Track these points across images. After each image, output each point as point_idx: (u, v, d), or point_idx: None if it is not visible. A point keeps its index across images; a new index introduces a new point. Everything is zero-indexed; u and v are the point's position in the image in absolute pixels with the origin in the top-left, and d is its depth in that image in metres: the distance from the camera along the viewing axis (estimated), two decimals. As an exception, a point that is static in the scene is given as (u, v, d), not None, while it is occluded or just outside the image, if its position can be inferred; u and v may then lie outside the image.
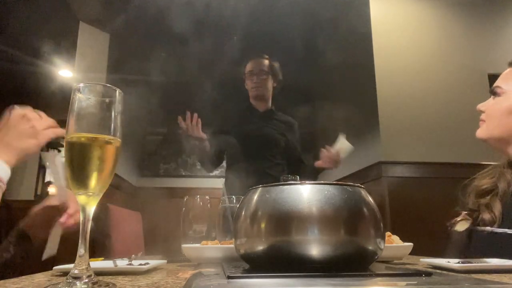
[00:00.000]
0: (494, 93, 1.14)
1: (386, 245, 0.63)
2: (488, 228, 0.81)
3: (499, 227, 1.02)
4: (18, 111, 0.90)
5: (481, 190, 1.11)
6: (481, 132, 1.16)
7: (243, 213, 0.60)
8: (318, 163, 2.06)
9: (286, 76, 2.23)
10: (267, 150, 2.11)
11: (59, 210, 0.97)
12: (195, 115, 1.85)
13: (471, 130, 1.21)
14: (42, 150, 0.95)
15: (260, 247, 0.55)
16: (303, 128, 2.50)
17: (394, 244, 0.84)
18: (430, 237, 1.18)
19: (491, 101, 1.15)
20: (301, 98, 4.65)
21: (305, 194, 0.55)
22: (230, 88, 2.32)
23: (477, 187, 1.13)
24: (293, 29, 2.02)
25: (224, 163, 2.25)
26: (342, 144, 2.05)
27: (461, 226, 0.75)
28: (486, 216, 1.05)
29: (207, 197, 1.24)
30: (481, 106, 1.18)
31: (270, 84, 2.23)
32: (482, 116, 1.17)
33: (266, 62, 2.23)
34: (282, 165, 2.17)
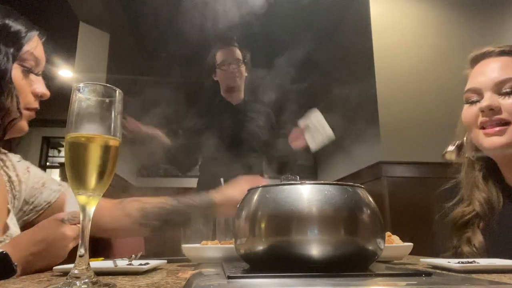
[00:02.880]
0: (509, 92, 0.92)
1: (386, 245, 0.63)
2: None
3: (486, 257, 0.89)
4: (61, 230, 0.78)
5: (461, 223, 0.99)
6: (506, 138, 0.91)
7: (243, 213, 0.60)
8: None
9: (286, 76, 2.20)
10: (246, 146, 1.94)
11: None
12: (130, 118, 1.70)
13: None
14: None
15: (260, 247, 0.55)
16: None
17: (394, 244, 0.84)
18: (430, 237, 1.18)
19: (509, 99, 0.91)
20: (301, 98, 4.66)
21: (305, 194, 0.55)
22: (197, 85, 2.21)
23: (455, 220, 1.00)
24: (293, 29, 2.01)
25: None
26: (312, 120, 1.78)
27: (450, 155, 0.71)
28: (466, 249, 0.95)
29: (207, 197, 1.23)
30: (492, 103, 0.91)
31: (244, 74, 2.11)
32: (503, 117, 0.91)
33: (238, 50, 2.10)
34: (262, 159, 2.07)
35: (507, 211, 0.95)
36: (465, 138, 1.05)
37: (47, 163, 6.14)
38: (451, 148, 0.70)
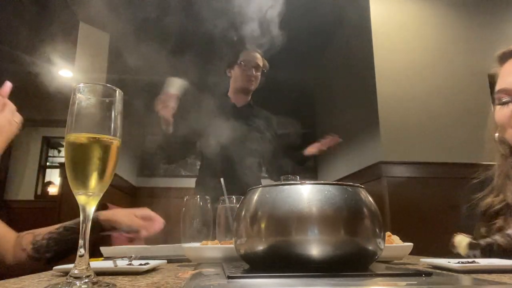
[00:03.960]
0: None
1: (386, 245, 0.63)
2: (487, 240, 0.75)
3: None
4: None
5: (490, 213, 0.99)
6: None
7: (243, 213, 0.60)
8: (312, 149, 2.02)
9: (286, 77, 2.19)
10: (246, 150, 1.96)
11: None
12: (174, 96, 1.75)
13: (471, 130, 1.20)
14: None
15: (260, 247, 0.55)
16: (303, 128, 2.45)
17: (394, 244, 0.84)
18: (430, 237, 1.18)
19: None
20: (302, 98, 4.66)
21: (305, 194, 0.55)
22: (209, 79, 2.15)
23: (484, 210, 1.01)
24: (293, 29, 2.00)
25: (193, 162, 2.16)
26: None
27: (462, 244, 0.70)
28: (499, 239, 0.93)
29: (207, 197, 1.24)
30: (508, 85, 0.97)
31: (258, 81, 2.12)
32: None
33: (260, 57, 2.12)
34: (260, 165, 2.07)
35: None
36: (496, 135, 1.05)
37: (47, 163, 6.14)
38: (462, 240, 0.69)
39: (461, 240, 0.67)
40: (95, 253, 0.93)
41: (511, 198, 0.96)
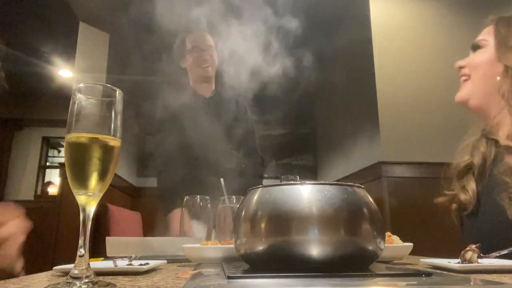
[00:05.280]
0: (477, 46, 1.09)
1: (386, 245, 0.63)
2: (493, 254, 0.78)
3: (475, 207, 0.99)
4: None
5: (459, 170, 1.07)
6: (464, 92, 1.08)
7: (243, 213, 0.60)
8: None
9: (286, 77, 2.13)
10: (220, 144, 1.70)
11: None
12: None
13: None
14: None
15: (260, 247, 0.55)
16: (304, 129, 2.44)
17: (394, 244, 0.84)
18: (430, 237, 1.18)
19: (472, 56, 1.09)
20: (301, 98, 4.66)
21: (305, 194, 0.55)
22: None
23: (455, 167, 1.08)
24: (293, 30, 1.99)
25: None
26: None
27: (473, 260, 0.71)
28: (462, 197, 1.02)
29: (207, 197, 1.24)
30: (460, 62, 1.11)
31: (216, 62, 1.87)
32: (465, 71, 1.08)
33: (207, 35, 1.86)
34: (238, 157, 1.81)
35: (496, 162, 1.01)
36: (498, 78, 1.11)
37: (47, 163, 6.14)
38: (473, 255, 0.71)
39: (472, 256, 0.68)
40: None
41: (477, 160, 1.03)
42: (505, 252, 0.77)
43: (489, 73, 1.03)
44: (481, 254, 0.71)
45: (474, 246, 0.69)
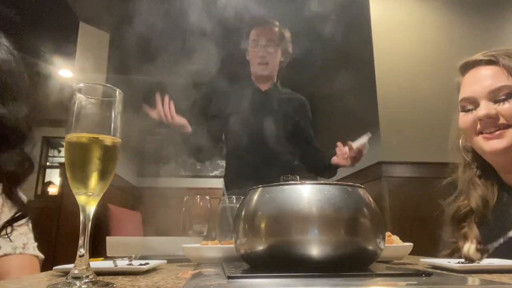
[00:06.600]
0: (504, 95, 0.92)
1: (386, 245, 0.63)
2: (493, 245, 0.75)
3: None
4: None
5: (457, 218, 1.00)
6: (507, 141, 0.92)
7: (243, 213, 0.60)
8: (333, 160, 1.77)
9: (286, 74, 2.08)
10: (271, 137, 1.72)
11: None
12: (166, 98, 1.54)
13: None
14: None
15: (260, 247, 0.55)
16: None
17: (394, 244, 0.84)
18: (430, 237, 1.18)
19: (505, 105, 0.92)
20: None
21: (305, 194, 0.55)
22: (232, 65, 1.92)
23: (452, 215, 1.02)
24: (293, 29, 1.98)
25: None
26: (367, 145, 1.82)
27: (471, 251, 0.69)
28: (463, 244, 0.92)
29: (207, 197, 1.24)
30: (489, 111, 0.93)
31: (278, 58, 1.85)
32: (502, 121, 0.93)
33: (276, 30, 1.82)
34: (292, 153, 1.82)
35: (501, 203, 0.97)
36: (460, 141, 1.08)
37: (47, 163, 6.14)
38: (470, 247, 0.68)
39: (470, 247, 0.67)
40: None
41: (474, 204, 0.98)
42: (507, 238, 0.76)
43: None
44: (480, 246, 0.70)
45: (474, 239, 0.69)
